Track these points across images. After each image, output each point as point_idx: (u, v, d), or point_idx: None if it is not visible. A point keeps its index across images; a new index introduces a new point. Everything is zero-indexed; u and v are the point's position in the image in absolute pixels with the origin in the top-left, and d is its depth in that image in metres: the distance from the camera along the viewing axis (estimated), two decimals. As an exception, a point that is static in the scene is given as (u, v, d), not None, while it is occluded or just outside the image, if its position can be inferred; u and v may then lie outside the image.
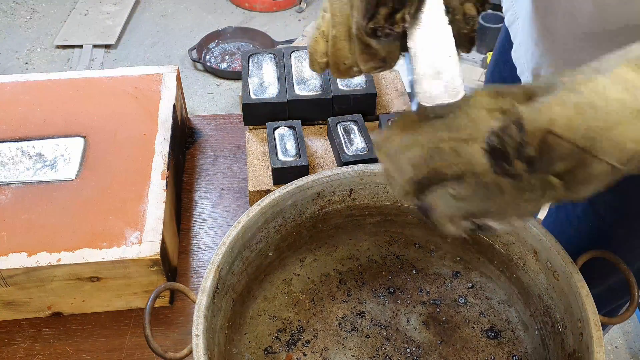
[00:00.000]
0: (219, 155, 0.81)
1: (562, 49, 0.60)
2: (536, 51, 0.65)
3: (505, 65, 0.79)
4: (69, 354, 0.59)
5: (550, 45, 0.62)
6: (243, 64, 0.78)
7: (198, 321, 0.45)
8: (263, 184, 0.68)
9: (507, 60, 0.77)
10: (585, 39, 0.56)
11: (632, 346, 1.53)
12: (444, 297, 0.60)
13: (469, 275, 0.62)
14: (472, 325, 0.58)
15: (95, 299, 0.61)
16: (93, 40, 2.55)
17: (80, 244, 0.58)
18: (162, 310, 0.63)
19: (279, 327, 0.57)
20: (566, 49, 0.60)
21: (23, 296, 0.59)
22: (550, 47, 0.62)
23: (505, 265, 0.58)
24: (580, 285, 0.48)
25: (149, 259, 0.58)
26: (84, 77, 0.78)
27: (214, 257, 0.50)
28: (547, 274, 0.53)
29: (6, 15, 2.74)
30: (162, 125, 0.71)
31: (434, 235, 0.62)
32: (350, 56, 0.45)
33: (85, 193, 0.63)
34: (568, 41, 0.59)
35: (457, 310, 0.59)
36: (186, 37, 2.63)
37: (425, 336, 0.57)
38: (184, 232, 0.71)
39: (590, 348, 0.45)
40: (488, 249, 0.59)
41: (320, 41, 0.45)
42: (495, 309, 0.59)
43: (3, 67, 2.41)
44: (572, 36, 0.58)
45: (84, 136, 0.69)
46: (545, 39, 0.62)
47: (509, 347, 0.56)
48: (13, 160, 0.66)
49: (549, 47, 0.62)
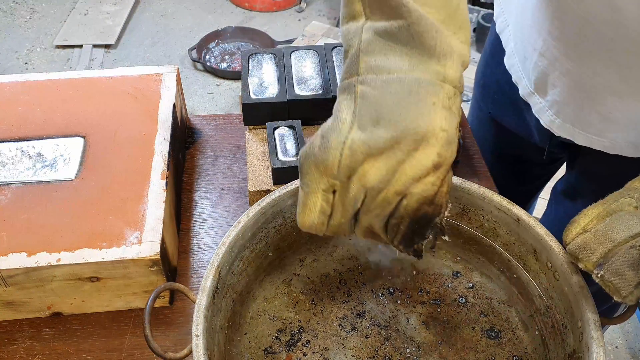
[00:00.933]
0: (219, 155, 0.81)
1: (573, 58, 0.60)
2: (541, 61, 0.64)
3: (497, 67, 0.78)
4: (68, 354, 0.59)
5: (559, 54, 0.61)
6: (243, 64, 0.78)
7: (198, 321, 0.45)
8: (263, 184, 0.68)
9: (499, 62, 0.76)
10: (600, 47, 0.56)
11: (632, 346, 1.53)
12: (444, 297, 0.60)
13: (469, 275, 0.62)
14: (472, 326, 0.58)
15: (95, 299, 0.61)
16: (93, 40, 2.55)
17: (80, 244, 0.58)
18: (162, 311, 0.63)
19: (279, 327, 0.57)
20: (579, 57, 0.59)
21: (23, 296, 0.59)
22: (559, 56, 0.61)
23: (506, 265, 0.58)
24: (581, 285, 0.48)
25: (148, 259, 0.57)
26: (83, 77, 0.78)
27: (214, 257, 0.50)
28: (548, 274, 0.53)
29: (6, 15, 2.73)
30: (162, 125, 0.71)
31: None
32: (350, 231, 0.46)
33: (85, 193, 0.63)
34: (581, 49, 0.58)
35: (457, 311, 0.59)
36: (186, 37, 2.63)
37: (425, 336, 0.57)
38: (183, 232, 0.71)
39: (590, 348, 0.45)
40: (488, 249, 0.59)
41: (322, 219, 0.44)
42: (496, 309, 0.59)
43: (3, 67, 2.41)
44: (585, 44, 0.57)
45: (84, 136, 0.69)
46: (554, 48, 0.61)
47: (509, 347, 0.56)
48: (13, 160, 0.66)
49: (558, 57, 0.61)
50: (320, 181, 0.42)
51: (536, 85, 0.66)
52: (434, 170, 0.40)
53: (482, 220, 0.58)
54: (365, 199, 0.42)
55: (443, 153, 0.40)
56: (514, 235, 0.56)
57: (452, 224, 0.60)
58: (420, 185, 0.40)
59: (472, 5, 2.64)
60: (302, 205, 0.44)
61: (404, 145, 0.39)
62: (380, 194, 0.41)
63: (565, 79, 0.62)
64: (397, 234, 0.43)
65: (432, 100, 0.40)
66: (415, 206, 0.41)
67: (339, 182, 0.42)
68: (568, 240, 0.45)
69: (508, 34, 0.72)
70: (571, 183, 0.79)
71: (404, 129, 0.39)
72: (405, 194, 0.41)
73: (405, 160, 0.40)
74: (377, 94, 0.40)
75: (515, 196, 0.60)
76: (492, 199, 0.56)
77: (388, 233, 0.44)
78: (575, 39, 0.57)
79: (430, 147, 0.39)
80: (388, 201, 0.41)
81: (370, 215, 0.43)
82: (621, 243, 0.42)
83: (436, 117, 0.39)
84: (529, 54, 0.66)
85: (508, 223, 0.56)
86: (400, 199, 0.41)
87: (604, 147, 0.64)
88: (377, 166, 0.40)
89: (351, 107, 0.41)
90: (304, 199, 0.44)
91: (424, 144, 0.39)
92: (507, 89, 0.76)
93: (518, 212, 0.54)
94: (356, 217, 0.44)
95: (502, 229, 0.57)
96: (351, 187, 0.41)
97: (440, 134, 0.39)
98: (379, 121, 0.40)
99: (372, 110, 0.40)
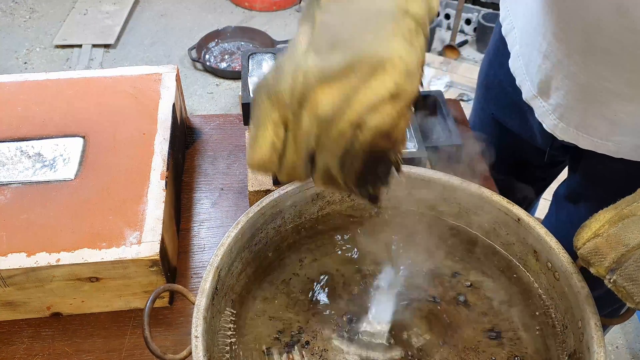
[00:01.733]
0: (219, 155, 0.80)
1: (579, 62, 0.59)
2: (545, 64, 0.63)
3: (500, 68, 0.78)
4: (68, 355, 0.59)
5: (563, 57, 0.60)
6: (243, 64, 0.78)
7: (197, 323, 0.45)
8: (263, 184, 0.68)
9: (502, 63, 0.76)
10: (607, 51, 0.55)
11: (632, 346, 1.53)
12: (444, 297, 0.60)
13: (470, 275, 0.61)
14: (472, 326, 0.58)
15: (94, 299, 0.61)
16: (92, 39, 2.55)
17: (79, 244, 0.58)
18: (162, 311, 0.63)
19: (279, 328, 0.57)
20: (585, 61, 0.58)
21: (22, 296, 0.59)
22: (563, 59, 0.61)
23: (506, 265, 0.58)
24: (581, 285, 0.48)
25: (148, 259, 0.57)
26: (83, 76, 0.78)
27: (213, 259, 0.50)
28: (548, 274, 0.53)
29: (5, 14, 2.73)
30: (162, 125, 0.71)
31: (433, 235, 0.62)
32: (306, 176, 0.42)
33: (85, 193, 0.63)
34: (587, 53, 0.57)
35: (457, 311, 0.59)
36: (186, 37, 2.63)
37: (426, 337, 0.57)
38: (183, 232, 0.71)
39: (591, 348, 0.45)
40: (488, 249, 0.59)
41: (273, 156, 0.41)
42: (496, 309, 0.59)
43: (2, 67, 2.41)
44: (591, 48, 0.57)
45: (83, 136, 0.69)
46: (559, 51, 0.61)
47: (510, 347, 0.56)
48: (12, 160, 0.66)
49: (562, 60, 0.61)
50: (272, 112, 0.39)
51: (540, 88, 0.66)
52: (391, 101, 0.38)
53: (482, 220, 0.58)
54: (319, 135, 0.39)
55: (401, 83, 0.37)
56: (514, 235, 0.56)
57: (452, 224, 0.60)
58: (376, 115, 0.37)
59: (472, 5, 2.64)
60: (251, 139, 0.41)
61: (359, 71, 0.37)
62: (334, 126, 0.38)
63: (569, 82, 0.61)
64: (350, 173, 0.40)
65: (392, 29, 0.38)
66: (370, 139, 0.38)
67: (290, 113, 0.39)
68: (579, 245, 0.44)
69: (514, 36, 0.72)
70: (573, 187, 0.79)
71: (361, 53, 0.37)
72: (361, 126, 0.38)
73: (360, 87, 0.37)
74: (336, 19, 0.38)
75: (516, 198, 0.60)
76: (492, 199, 0.55)
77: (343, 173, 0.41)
78: (581, 42, 0.57)
79: (387, 75, 0.37)
80: (342, 133, 0.38)
81: (325, 155, 0.40)
82: (634, 248, 0.41)
83: (394, 45, 0.37)
84: (533, 57, 0.65)
85: (508, 223, 0.56)
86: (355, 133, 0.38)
87: (609, 151, 0.63)
88: (331, 93, 0.37)
89: (308, 33, 0.39)
90: (254, 132, 0.41)
91: (381, 71, 0.37)
92: (510, 90, 0.76)
93: (518, 212, 0.54)
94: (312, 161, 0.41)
95: (502, 229, 0.57)
96: (303, 118, 0.39)
97: (398, 62, 0.37)
98: (335, 46, 0.38)
99: (329, 34, 0.38)
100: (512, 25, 0.72)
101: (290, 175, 0.42)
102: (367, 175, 0.41)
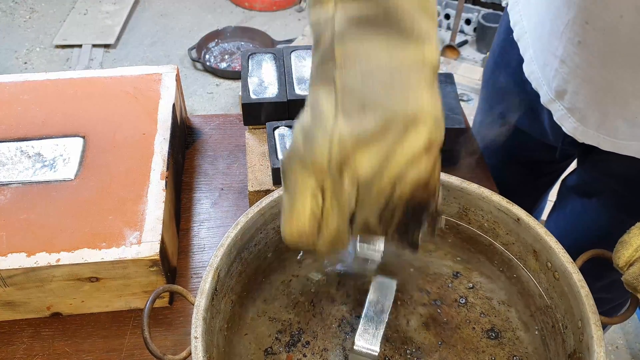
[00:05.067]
0: (219, 155, 0.80)
1: (597, 64, 0.58)
2: (562, 68, 0.63)
3: (507, 67, 0.78)
4: (68, 355, 0.59)
5: (581, 60, 0.59)
6: (243, 64, 0.78)
7: (197, 323, 0.45)
8: (263, 184, 0.68)
9: (509, 63, 0.76)
10: (626, 53, 0.54)
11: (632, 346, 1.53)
12: (444, 297, 0.60)
13: (469, 276, 0.61)
14: (472, 326, 0.58)
15: (94, 300, 0.61)
16: (92, 39, 2.55)
17: (79, 244, 0.58)
18: (162, 311, 0.63)
19: (279, 328, 0.57)
20: (603, 63, 0.57)
21: (22, 296, 0.59)
22: (581, 62, 0.60)
23: (506, 265, 0.58)
24: (581, 285, 0.48)
25: (148, 259, 0.57)
26: (83, 76, 0.78)
27: (213, 259, 0.50)
28: (548, 274, 0.53)
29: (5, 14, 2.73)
30: (162, 125, 0.71)
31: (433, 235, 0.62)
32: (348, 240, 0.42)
33: (85, 193, 0.63)
34: (606, 55, 0.56)
35: (457, 311, 0.59)
36: (186, 37, 2.63)
37: (426, 337, 0.57)
38: (183, 233, 0.71)
39: (591, 348, 0.45)
40: (488, 249, 0.59)
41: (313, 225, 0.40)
42: (496, 309, 0.59)
43: (2, 67, 2.41)
44: (610, 49, 0.56)
45: (83, 136, 0.69)
46: (576, 55, 0.60)
47: (510, 347, 0.56)
48: (12, 160, 0.66)
49: (580, 63, 0.60)
50: (308, 181, 0.39)
51: (557, 92, 0.65)
52: (426, 153, 0.38)
53: (481, 220, 0.58)
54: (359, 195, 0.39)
55: (433, 134, 0.38)
56: (513, 235, 0.56)
57: (452, 224, 0.60)
58: (413, 169, 0.38)
59: (472, 5, 2.64)
60: (288, 211, 0.40)
61: (393, 130, 0.37)
62: (374, 185, 0.39)
63: (588, 86, 0.60)
64: (391, 224, 0.41)
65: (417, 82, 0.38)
66: (409, 192, 0.39)
67: (330, 179, 0.39)
68: (621, 264, 0.43)
69: (526, 40, 0.71)
70: (585, 180, 0.77)
71: (392, 112, 0.37)
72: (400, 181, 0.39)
73: (396, 146, 0.38)
74: (358, 81, 0.38)
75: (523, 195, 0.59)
76: (492, 199, 0.55)
77: (382, 224, 0.41)
78: (600, 45, 0.56)
79: (421, 129, 0.38)
80: (382, 191, 0.39)
81: (365, 211, 0.40)
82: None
83: (423, 98, 0.38)
84: (549, 61, 0.65)
85: (508, 223, 0.56)
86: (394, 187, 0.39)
87: (632, 152, 0.62)
88: (369, 155, 0.38)
89: (332, 97, 0.39)
90: (290, 203, 0.40)
91: (413, 126, 0.37)
92: (518, 89, 0.75)
93: (518, 212, 0.54)
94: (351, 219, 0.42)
95: (501, 229, 0.57)
96: (344, 182, 0.39)
97: (428, 115, 0.38)
98: (364, 107, 0.38)
99: (356, 97, 0.38)
100: (524, 29, 0.72)
101: (333, 241, 0.42)
102: (407, 224, 0.41)
